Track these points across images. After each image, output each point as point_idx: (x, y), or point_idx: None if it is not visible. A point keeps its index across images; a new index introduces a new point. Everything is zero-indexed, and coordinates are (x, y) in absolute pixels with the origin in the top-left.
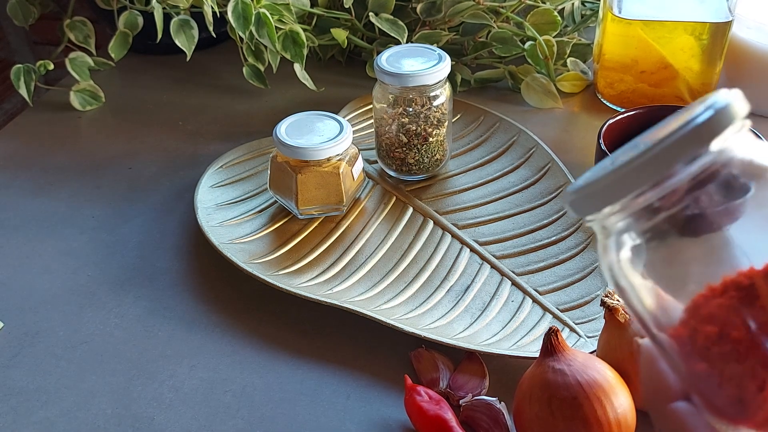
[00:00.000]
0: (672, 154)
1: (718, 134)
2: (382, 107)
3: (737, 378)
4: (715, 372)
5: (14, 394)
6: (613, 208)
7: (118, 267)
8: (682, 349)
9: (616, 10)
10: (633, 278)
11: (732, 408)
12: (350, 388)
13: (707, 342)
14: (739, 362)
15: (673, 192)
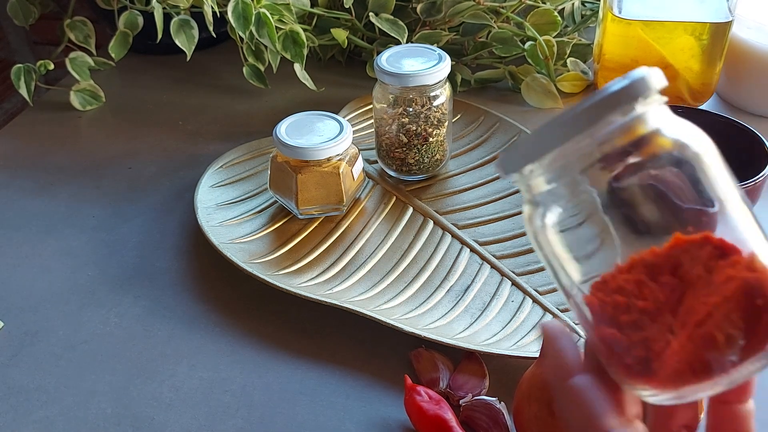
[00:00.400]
0: (588, 116)
1: (632, 100)
2: (382, 107)
3: (643, 341)
4: (623, 336)
5: (14, 393)
6: (533, 166)
7: (117, 267)
8: (593, 315)
9: (616, 11)
10: (553, 243)
11: (639, 367)
12: (350, 388)
13: (616, 311)
14: (644, 328)
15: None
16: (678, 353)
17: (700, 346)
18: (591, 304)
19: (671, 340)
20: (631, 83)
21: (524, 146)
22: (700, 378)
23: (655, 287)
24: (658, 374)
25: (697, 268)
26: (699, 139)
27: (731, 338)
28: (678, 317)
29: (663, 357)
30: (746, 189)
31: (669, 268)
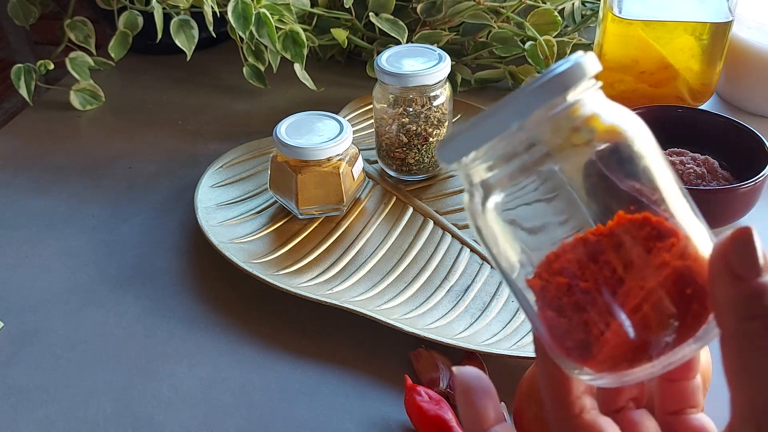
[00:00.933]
0: (526, 102)
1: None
2: (382, 107)
3: (583, 324)
4: (564, 319)
5: (14, 393)
6: (472, 155)
7: (117, 266)
8: (536, 298)
9: (616, 11)
10: (495, 228)
11: (579, 350)
12: (350, 388)
13: (558, 293)
14: (585, 311)
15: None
16: (615, 337)
17: (635, 330)
18: (533, 286)
19: (610, 323)
20: (567, 69)
21: (463, 135)
22: (635, 362)
23: (596, 268)
24: (596, 357)
25: (637, 249)
26: (634, 124)
27: (663, 324)
28: (617, 299)
29: (601, 340)
30: (746, 189)
31: (612, 246)
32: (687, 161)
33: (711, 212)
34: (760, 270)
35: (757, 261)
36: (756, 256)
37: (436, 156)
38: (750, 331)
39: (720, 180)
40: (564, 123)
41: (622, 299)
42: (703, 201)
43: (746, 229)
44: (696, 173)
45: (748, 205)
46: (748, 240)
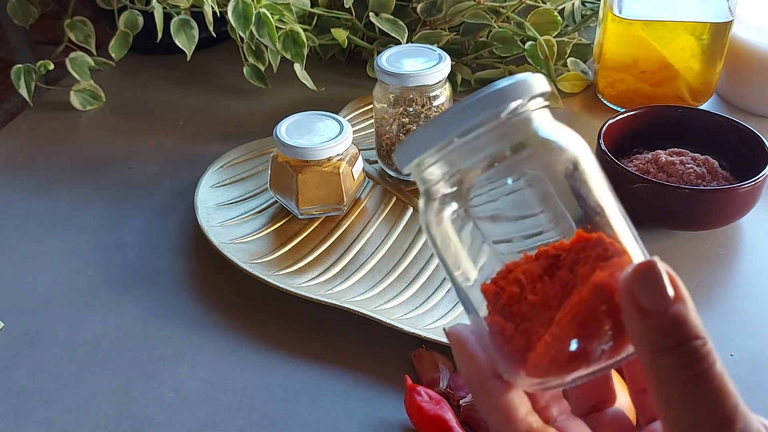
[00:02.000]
0: (470, 111)
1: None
2: (382, 107)
3: (526, 332)
4: (509, 325)
5: (15, 394)
6: (421, 158)
7: (118, 267)
8: (488, 302)
9: (616, 10)
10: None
11: (516, 356)
12: (350, 388)
13: (510, 301)
14: (529, 321)
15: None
16: (545, 346)
17: (557, 341)
18: (487, 292)
19: (548, 333)
20: (515, 83)
21: (414, 139)
22: (569, 369)
23: (549, 283)
24: (527, 363)
25: (586, 267)
26: (575, 143)
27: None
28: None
29: (536, 348)
30: (746, 189)
31: (569, 263)
32: (687, 161)
33: (711, 212)
34: (669, 301)
35: (664, 293)
36: (661, 289)
37: (395, 161)
38: (662, 365)
39: (720, 180)
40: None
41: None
42: (703, 201)
43: (648, 263)
44: (696, 173)
45: (748, 205)
46: (652, 273)
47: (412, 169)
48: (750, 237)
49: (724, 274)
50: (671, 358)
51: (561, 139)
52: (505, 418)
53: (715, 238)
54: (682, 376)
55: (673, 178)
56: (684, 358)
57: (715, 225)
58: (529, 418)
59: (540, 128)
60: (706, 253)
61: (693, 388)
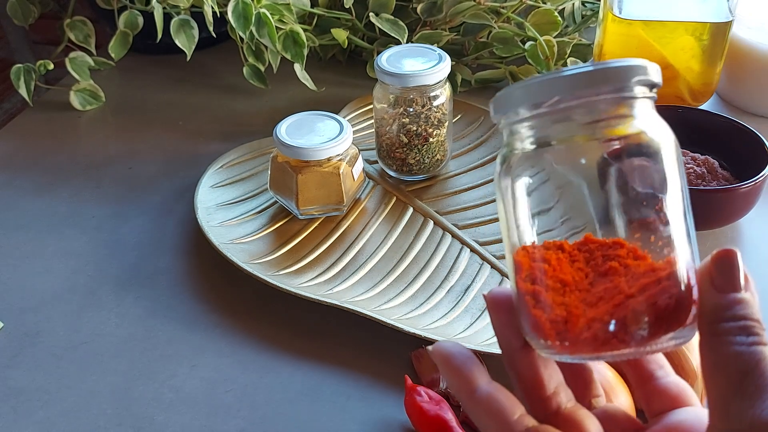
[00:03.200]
0: (592, 77)
1: (629, 79)
2: (382, 107)
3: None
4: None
5: (15, 394)
6: (524, 112)
7: (118, 267)
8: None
9: (616, 11)
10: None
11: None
12: (351, 389)
13: (543, 275)
14: (564, 295)
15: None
16: (597, 320)
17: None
18: (520, 262)
19: (587, 310)
20: (640, 65)
21: (521, 91)
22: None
23: (571, 269)
24: (576, 336)
25: (613, 263)
26: (667, 137)
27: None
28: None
29: (582, 321)
30: (746, 189)
31: (582, 259)
32: (687, 161)
33: (711, 212)
34: (738, 287)
35: (737, 280)
36: (736, 276)
37: (491, 104)
38: (722, 331)
39: (720, 180)
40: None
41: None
42: (703, 201)
43: (729, 251)
44: (696, 173)
45: (748, 205)
46: (730, 260)
47: (506, 119)
48: (750, 237)
49: None
50: (731, 327)
51: (654, 132)
52: (499, 423)
53: (715, 238)
54: (737, 342)
55: None
56: (743, 328)
57: (715, 225)
58: (524, 420)
59: (638, 116)
60: (705, 253)
61: (743, 356)
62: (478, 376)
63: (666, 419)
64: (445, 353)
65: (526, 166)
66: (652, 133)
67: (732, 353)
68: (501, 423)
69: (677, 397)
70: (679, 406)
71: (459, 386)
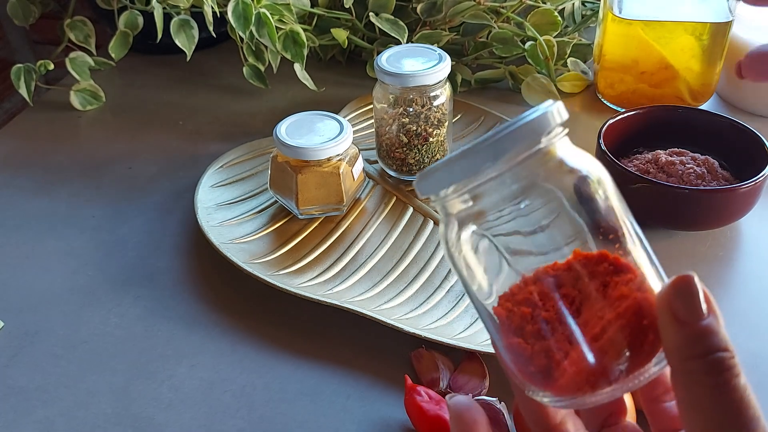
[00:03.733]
0: (499, 146)
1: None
2: (382, 107)
3: (545, 350)
4: (528, 345)
5: (14, 394)
6: (446, 191)
7: (118, 267)
8: (501, 325)
9: (616, 11)
10: (468, 257)
11: (541, 375)
12: (350, 388)
13: (522, 321)
14: (546, 338)
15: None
16: (575, 363)
17: (595, 357)
18: (499, 314)
19: (570, 351)
20: (539, 116)
21: (441, 171)
22: (595, 386)
23: (556, 299)
24: (557, 382)
25: (594, 282)
26: (597, 170)
27: (621, 352)
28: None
29: (562, 366)
30: (746, 189)
31: (570, 280)
32: (687, 161)
33: (711, 212)
34: (701, 315)
35: (698, 307)
36: (696, 303)
37: (414, 187)
38: (692, 370)
39: (720, 180)
40: (534, 165)
41: (582, 329)
42: (703, 201)
43: (687, 277)
44: (696, 173)
45: (748, 205)
46: (689, 288)
47: (434, 198)
48: (750, 237)
49: (724, 274)
50: (700, 364)
51: (582, 164)
52: None
53: (714, 238)
54: (709, 381)
55: (673, 178)
56: (712, 365)
57: (714, 225)
58: None
59: (564, 157)
60: (705, 253)
61: (718, 394)
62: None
63: None
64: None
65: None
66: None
67: (708, 392)
68: None
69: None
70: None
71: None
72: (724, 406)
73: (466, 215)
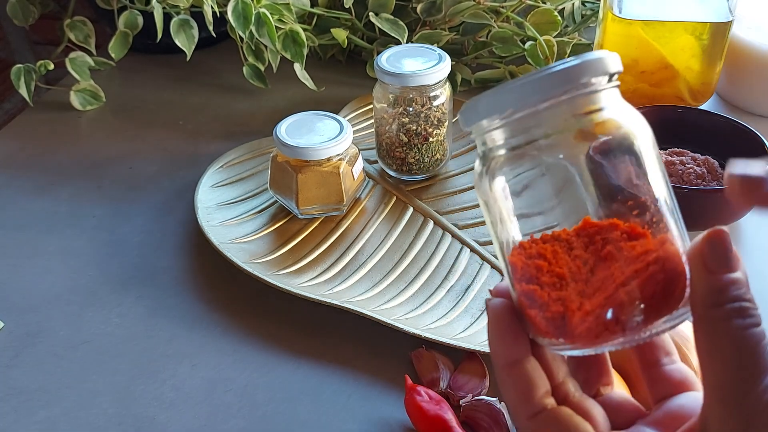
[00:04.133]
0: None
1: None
2: (382, 107)
3: (560, 299)
4: (543, 292)
5: (15, 394)
6: (491, 121)
7: (118, 267)
8: (515, 273)
9: (616, 10)
10: (500, 201)
11: (556, 322)
12: (351, 388)
13: (538, 272)
14: (561, 289)
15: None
16: (592, 312)
17: (615, 306)
18: (514, 264)
19: (584, 302)
20: (596, 59)
21: (488, 99)
22: (609, 335)
23: (568, 259)
24: (573, 330)
25: (609, 247)
26: (640, 125)
27: (641, 303)
28: (590, 284)
29: (577, 315)
30: None
31: (581, 245)
32: (687, 161)
33: (711, 212)
34: (731, 267)
35: (729, 259)
36: (728, 255)
37: (459, 117)
38: (715, 317)
39: (720, 180)
40: (579, 109)
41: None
42: (703, 201)
43: (720, 231)
44: (696, 173)
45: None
46: (722, 240)
47: (476, 129)
48: (750, 237)
49: None
50: (724, 312)
51: (625, 120)
52: (523, 397)
53: None
54: (731, 328)
55: (673, 178)
56: (735, 312)
57: (714, 225)
58: (545, 400)
59: (607, 107)
60: None
61: (738, 340)
62: (522, 348)
63: (667, 404)
64: (498, 312)
65: (506, 167)
66: (623, 120)
67: (729, 337)
68: (525, 397)
69: (680, 384)
70: (682, 392)
71: (498, 351)
72: (743, 352)
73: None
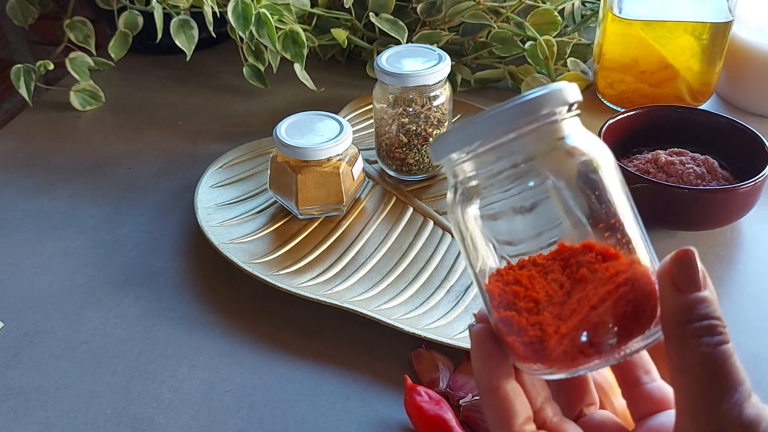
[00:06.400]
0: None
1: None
2: (382, 107)
3: (538, 323)
4: (521, 318)
5: (14, 394)
6: (458, 154)
7: (117, 267)
8: (492, 301)
9: (616, 10)
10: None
11: (534, 347)
12: (350, 388)
13: (515, 298)
14: (538, 314)
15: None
16: (567, 336)
17: (589, 329)
18: (491, 291)
19: (560, 326)
20: (556, 90)
21: (453, 134)
22: (585, 358)
23: (545, 283)
24: (550, 354)
25: (583, 269)
26: (601, 151)
27: (613, 325)
28: (566, 307)
29: (554, 338)
30: (746, 189)
31: (558, 268)
32: (687, 161)
33: (711, 212)
34: (699, 286)
35: (696, 278)
36: (695, 275)
37: (430, 152)
38: (685, 334)
39: (720, 180)
40: (544, 139)
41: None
42: (703, 201)
43: (688, 251)
44: (696, 173)
45: (748, 205)
46: (689, 260)
47: (446, 162)
48: (750, 237)
49: (724, 274)
50: (694, 329)
51: (587, 147)
52: (503, 423)
53: (714, 238)
54: (701, 345)
55: (673, 178)
56: (704, 330)
57: (714, 225)
58: (525, 427)
59: (569, 135)
60: (705, 253)
61: (708, 357)
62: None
63: (648, 423)
64: (481, 337)
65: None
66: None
67: (699, 354)
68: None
69: (661, 401)
70: (663, 410)
71: (482, 376)
72: (712, 369)
73: (473, 185)
